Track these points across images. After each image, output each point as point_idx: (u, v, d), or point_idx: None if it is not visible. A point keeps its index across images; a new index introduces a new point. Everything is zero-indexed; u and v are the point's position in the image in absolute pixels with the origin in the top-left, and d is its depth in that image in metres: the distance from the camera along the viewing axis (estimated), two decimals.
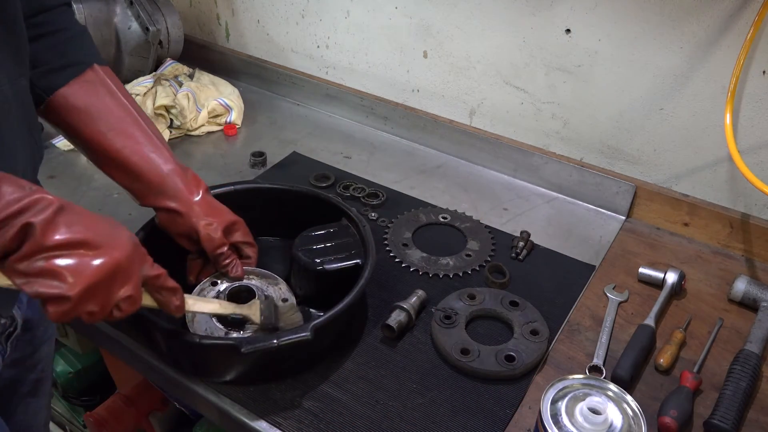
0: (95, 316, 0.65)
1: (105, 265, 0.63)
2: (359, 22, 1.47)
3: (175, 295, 0.76)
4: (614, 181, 1.25)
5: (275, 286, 0.97)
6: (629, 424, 0.72)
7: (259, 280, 0.98)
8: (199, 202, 0.92)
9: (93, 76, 0.88)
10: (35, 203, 0.59)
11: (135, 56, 1.55)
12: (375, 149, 1.47)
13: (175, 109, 1.44)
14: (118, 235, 0.66)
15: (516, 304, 1.01)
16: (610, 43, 1.17)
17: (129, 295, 0.67)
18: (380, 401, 0.88)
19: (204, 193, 0.93)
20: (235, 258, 0.95)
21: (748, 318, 1.03)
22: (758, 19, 1.00)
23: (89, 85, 0.88)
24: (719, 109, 1.11)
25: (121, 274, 0.65)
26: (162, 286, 0.73)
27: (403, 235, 1.19)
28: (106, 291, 0.64)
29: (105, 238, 0.64)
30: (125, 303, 0.67)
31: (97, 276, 0.62)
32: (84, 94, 0.88)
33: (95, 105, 0.88)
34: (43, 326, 1.00)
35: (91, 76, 0.88)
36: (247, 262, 0.97)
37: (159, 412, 1.43)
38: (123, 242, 0.66)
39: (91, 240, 0.63)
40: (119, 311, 0.67)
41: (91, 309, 0.64)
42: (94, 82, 0.88)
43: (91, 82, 0.88)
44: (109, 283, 0.64)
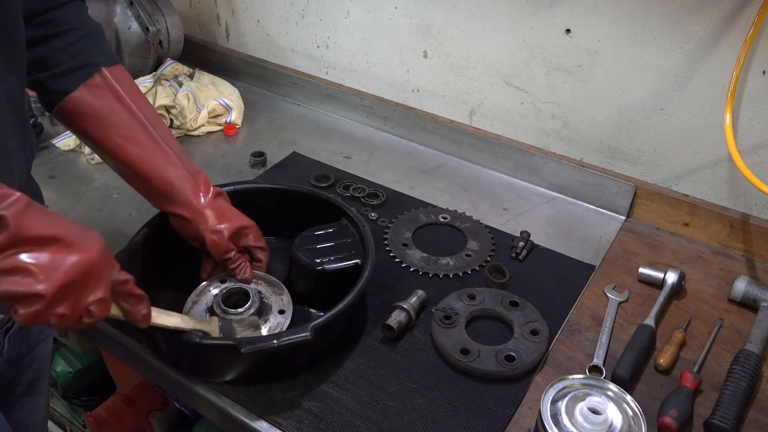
0: (65, 320, 0.62)
1: (79, 264, 0.61)
2: (359, 22, 1.47)
3: (141, 303, 0.73)
4: (614, 181, 1.25)
5: (278, 295, 0.97)
6: (629, 424, 0.72)
7: (266, 286, 0.98)
8: (207, 208, 0.92)
9: (100, 80, 0.87)
10: (4, 197, 0.57)
11: (135, 56, 1.55)
12: (375, 149, 1.47)
13: (175, 109, 1.44)
14: (90, 235, 0.64)
15: (516, 304, 1.01)
16: (610, 43, 1.17)
17: (101, 297, 0.64)
18: (380, 401, 0.88)
19: (213, 198, 0.93)
20: (244, 261, 0.96)
21: (748, 318, 1.03)
22: (758, 19, 1.00)
23: (97, 90, 0.87)
24: (719, 109, 1.11)
25: (94, 275, 0.63)
26: (129, 292, 0.70)
27: (403, 235, 1.19)
28: (79, 292, 0.62)
29: (77, 237, 0.62)
30: (96, 307, 0.64)
31: (71, 275, 0.60)
32: (92, 99, 0.87)
33: (103, 111, 0.88)
34: (39, 326, 1.00)
35: (99, 80, 0.87)
36: (258, 266, 0.98)
37: (159, 412, 1.43)
38: (95, 243, 0.63)
39: (64, 237, 0.60)
40: (89, 316, 0.64)
41: (63, 311, 0.61)
42: (101, 87, 0.87)
43: (99, 86, 0.87)
44: (82, 283, 0.62)
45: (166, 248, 0.99)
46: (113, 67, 0.89)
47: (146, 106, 0.92)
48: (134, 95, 0.90)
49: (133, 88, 0.91)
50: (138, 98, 0.91)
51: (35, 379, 1.03)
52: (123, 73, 0.91)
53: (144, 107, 0.91)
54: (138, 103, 0.90)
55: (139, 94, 0.92)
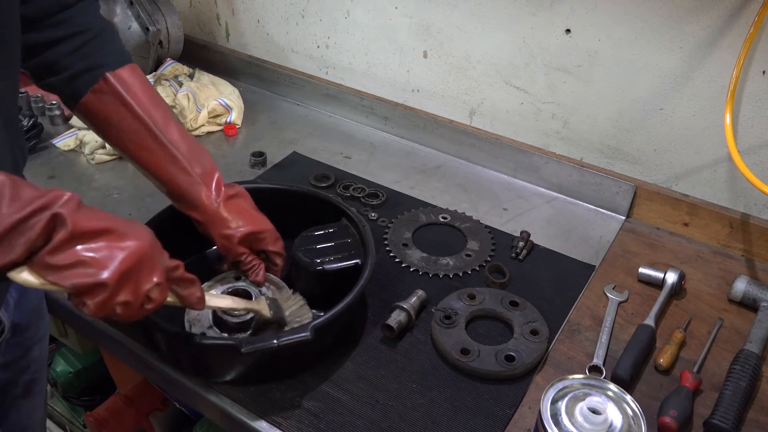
0: (130, 307, 0.65)
1: (135, 251, 0.64)
2: (359, 22, 1.47)
3: (194, 285, 0.75)
4: (614, 181, 1.25)
5: (285, 302, 0.97)
6: (629, 424, 0.72)
7: (276, 291, 0.98)
8: (220, 211, 0.92)
9: (105, 85, 0.86)
10: (57, 198, 0.60)
11: (135, 56, 1.55)
12: (375, 149, 1.47)
13: (175, 109, 1.44)
14: (138, 225, 0.67)
15: (516, 304, 1.01)
16: (610, 43, 1.17)
17: (158, 282, 0.67)
18: (380, 401, 0.88)
19: (225, 200, 0.92)
20: (258, 264, 0.95)
21: (748, 318, 1.03)
22: (758, 19, 1.00)
23: (103, 96, 0.87)
24: (719, 109, 1.11)
25: (148, 262, 0.65)
26: (181, 277, 0.73)
27: (403, 235, 1.19)
28: (138, 278, 0.65)
29: (127, 228, 0.65)
30: (155, 291, 0.67)
31: (129, 261, 0.63)
32: (100, 104, 0.87)
33: (112, 117, 0.88)
34: (33, 328, 1.00)
35: (103, 85, 0.86)
36: (273, 270, 0.97)
37: (159, 412, 1.43)
38: (144, 232, 0.66)
39: (116, 228, 0.63)
40: (150, 302, 0.67)
41: (126, 298, 0.64)
42: (106, 93, 0.87)
43: (104, 92, 0.87)
44: (139, 269, 0.64)
45: (173, 243, 0.98)
46: (120, 69, 0.88)
47: (154, 109, 0.90)
48: (140, 98, 0.89)
49: (140, 90, 0.89)
50: (145, 101, 0.89)
51: (32, 381, 1.02)
52: (131, 73, 0.89)
53: (151, 110, 0.90)
54: (144, 106, 0.89)
55: (147, 96, 0.90)
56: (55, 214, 0.59)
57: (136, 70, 0.90)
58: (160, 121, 0.90)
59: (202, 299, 0.77)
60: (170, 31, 1.61)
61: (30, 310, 0.98)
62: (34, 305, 1.00)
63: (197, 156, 0.92)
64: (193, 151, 0.92)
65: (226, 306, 0.85)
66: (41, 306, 1.03)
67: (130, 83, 0.89)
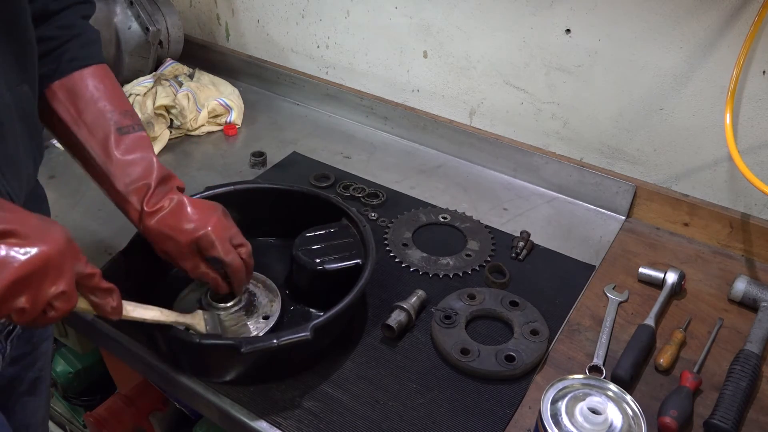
0: (26, 314, 0.61)
1: (35, 258, 0.59)
2: (359, 22, 1.47)
3: (110, 295, 0.71)
4: (614, 181, 1.25)
5: (270, 301, 0.97)
6: (629, 424, 0.72)
7: (262, 289, 0.98)
8: (151, 230, 0.86)
9: (48, 95, 0.85)
10: None
11: (135, 56, 1.55)
12: (375, 149, 1.47)
13: (175, 109, 1.44)
14: (50, 228, 0.62)
15: (516, 304, 1.01)
16: (610, 43, 1.17)
17: (62, 291, 0.62)
18: (380, 401, 0.88)
19: (148, 218, 0.86)
20: (213, 280, 0.90)
21: (748, 318, 1.03)
22: (758, 19, 1.00)
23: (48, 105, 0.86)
24: (719, 109, 1.11)
25: (52, 269, 0.61)
26: (96, 286, 0.68)
27: (403, 235, 1.19)
28: (37, 286, 0.61)
29: (35, 230, 0.61)
30: (59, 300, 0.63)
31: (25, 268, 0.59)
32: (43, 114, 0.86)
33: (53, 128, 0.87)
34: (39, 324, 1.00)
35: (47, 95, 0.85)
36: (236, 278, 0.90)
37: (159, 412, 1.43)
38: (54, 235, 0.62)
39: (19, 231, 0.59)
40: (53, 310, 0.63)
41: (21, 305, 0.60)
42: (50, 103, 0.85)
43: (48, 102, 0.85)
44: (40, 277, 0.60)
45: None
46: (64, 79, 0.84)
47: (86, 121, 0.85)
48: (77, 111, 0.85)
49: (89, 96, 0.85)
50: (80, 112, 0.85)
51: (38, 379, 1.03)
52: (86, 78, 0.85)
53: (83, 123, 0.85)
54: (78, 120, 0.85)
55: (82, 106, 0.85)
56: None
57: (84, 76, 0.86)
58: (88, 136, 0.86)
59: (117, 309, 0.72)
60: (170, 31, 1.61)
61: None
62: None
63: (132, 167, 0.86)
64: (128, 164, 0.86)
65: (152, 318, 0.79)
66: None
67: (71, 93, 0.85)
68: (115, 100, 0.88)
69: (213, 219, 0.87)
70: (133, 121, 0.88)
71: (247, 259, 0.90)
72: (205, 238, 0.85)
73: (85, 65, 0.86)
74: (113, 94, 0.88)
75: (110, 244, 1.14)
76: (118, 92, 0.89)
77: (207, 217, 0.87)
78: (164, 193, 0.87)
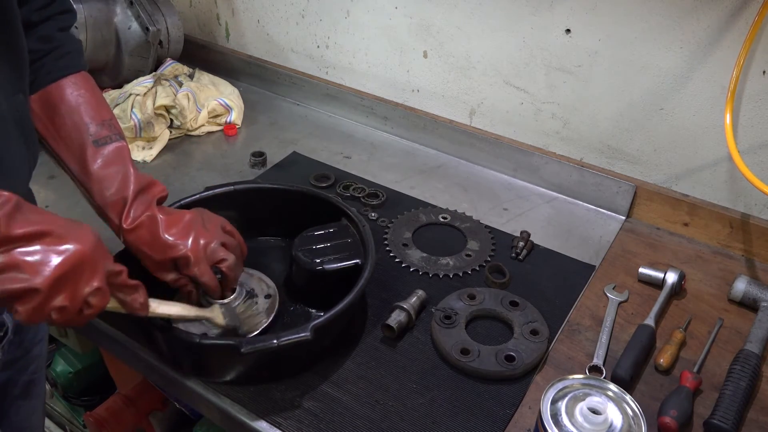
0: (66, 312, 0.62)
1: (72, 256, 0.61)
2: (359, 22, 1.47)
3: (137, 292, 0.73)
4: (614, 181, 1.25)
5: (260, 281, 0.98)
6: (629, 424, 0.72)
7: (249, 278, 0.99)
8: (130, 245, 0.85)
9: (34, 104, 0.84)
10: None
11: (135, 56, 1.55)
12: (375, 149, 1.47)
13: (175, 109, 1.44)
14: (81, 228, 0.64)
15: (516, 304, 1.01)
16: (610, 43, 1.17)
17: (98, 287, 0.64)
18: (380, 401, 0.88)
19: (126, 234, 0.84)
20: (186, 292, 0.88)
21: (748, 318, 1.03)
22: (758, 19, 1.00)
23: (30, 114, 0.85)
24: (719, 109, 1.11)
25: (88, 266, 0.63)
26: (124, 283, 0.70)
27: (403, 235, 1.19)
28: (75, 283, 0.62)
29: (68, 230, 0.62)
30: (94, 297, 0.65)
31: (64, 266, 0.60)
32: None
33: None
34: (33, 329, 0.99)
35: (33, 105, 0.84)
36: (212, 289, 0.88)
37: (159, 412, 1.43)
38: (86, 235, 0.64)
39: (54, 231, 0.61)
40: (89, 308, 0.65)
41: (61, 303, 0.62)
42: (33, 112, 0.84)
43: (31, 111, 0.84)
44: (77, 274, 0.62)
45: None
46: (48, 87, 0.84)
47: (62, 135, 0.84)
48: (53, 126, 0.84)
49: (65, 108, 0.84)
50: (56, 127, 0.84)
51: (31, 382, 1.02)
52: (62, 90, 0.84)
53: (60, 138, 0.85)
54: (55, 135, 0.85)
55: (58, 121, 0.84)
56: None
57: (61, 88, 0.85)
58: (64, 150, 0.85)
59: (145, 305, 0.74)
60: (170, 31, 1.61)
61: None
62: None
63: (108, 181, 0.85)
64: (103, 178, 0.85)
65: (175, 313, 0.82)
66: None
67: (47, 106, 0.84)
68: (93, 109, 0.86)
69: (190, 236, 0.84)
70: (111, 131, 0.86)
71: (228, 272, 0.87)
72: (182, 259, 0.84)
73: (61, 76, 0.85)
74: (91, 104, 0.86)
75: (109, 245, 1.13)
76: (96, 101, 0.87)
77: (185, 234, 0.84)
78: (143, 207, 0.85)
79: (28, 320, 0.61)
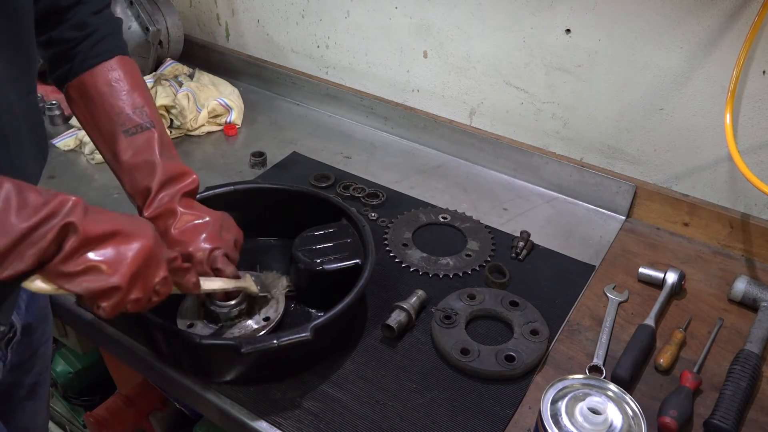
0: (140, 303, 0.67)
1: (142, 251, 0.65)
2: (359, 22, 1.47)
3: (190, 273, 0.77)
4: (614, 181, 1.25)
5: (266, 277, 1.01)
6: (629, 424, 0.72)
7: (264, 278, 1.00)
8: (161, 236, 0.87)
9: (71, 93, 0.88)
10: (63, 204, 0.61)
11: (135, 56, 1.53)
12: (375, 149, 1.47)
13: (175, 109, 1.44)
14: (141, 223, 0.68)
15: (516, 304, 1.01)
16: (610, 43, 1.17)
17: (164, 276, 0.69)
18: (380, 401, 0.88)
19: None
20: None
21: (748, 318, 1.03)
22: (758, 19, 1.00)
23: (71, 104, 0.89)
24: (719, 109, 1.11)
25: (154, 259, 0.67)
26: (179, 267, 0.75)
27: (403, 235, 1.19)
28: (146, 275, 0.67)
29: (133, 227, 0.66)
30: (161, 285, 0.69)
31: (137, 262, 0.65)
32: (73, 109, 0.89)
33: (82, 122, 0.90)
34: (40, 329, 1.00)
35: (70, 93, 0.88)
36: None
37: (159, 412, 1.43)
38: (147, 228, 0.68)
39: (122, 230, 0.65)
40: (157, 295, 0.69)
41: (137, 296, 0.66)
42: (71, 101, 0.88)
43: (70, 100, 0.88)
44: (147, 268, 0.67)
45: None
46: (83, 75, 0.86)
47: (96, 123, 0.87)
48: (90, 114, 0.87)
49: (98, 97, 0.86)
50: (91, 114, 0.87)
51: (36, 384, 1.02)
52: (95, 78, 0.86)
53: (94, 126, 0.87)
54: (91, 123, 0.87)
55: (92, 108, 0.86)
56: (67, 223, 0.60)
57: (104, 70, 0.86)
58: (108, 133, 0.87)
59: (197, 284, 0.79)
60: (170, 31, 1.61)
61: (38, 311, 0.99)
62: (41, 307, 1.00)
63: (136, 171, 0.88)
64: (132, 167, 0.87)
65: (219, 287, 0.86)
66: (47, 308, 1.03)
67: (91, 90, 0.86)
68: (125, 96, 0.87)
69: (199, 238, 0.86)
70: (142, 118, 0.88)
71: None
72: (185, 256, 0.85)
73: (96, 63, 0.87)
74: (124, 90, 0.87)
75: None
76: (130, 86, 0.88)
77: (195, 235, 0.86)
78: (167, 198, 0.87)
79: (110, 315, 0.65)
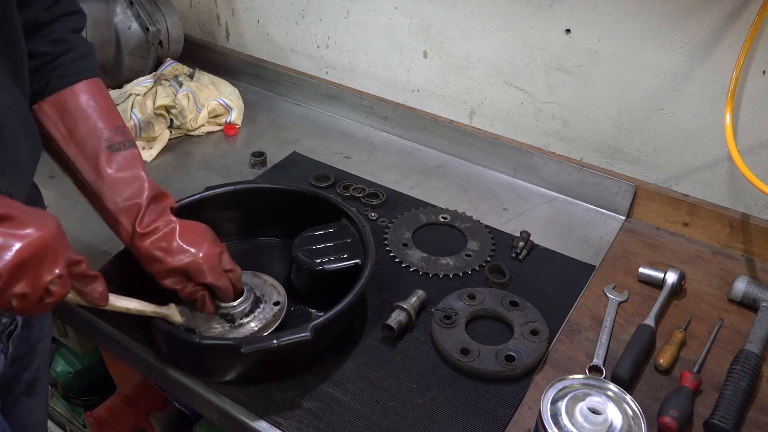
0: (27, 300, 0.61)
1: (34, 242, 0.60)
2: (359, 22, 1.47)
3: (96, 281, 0.72)
4: (614, 181, 1.25)
5: (272, 287, 0.99)
6: (629, 424, 0.72)
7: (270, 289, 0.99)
8: (142, 250, 0.86)
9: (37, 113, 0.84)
10: None
11: (135, 56, 1.55)
12: (375, 149, 1.47)
13: (175, 109, 1.44)
14: (43, 214, 0.63)
15: (516, 304, 1.01)
16: (610, 43, 1.17)
17: (59, 275, 0.63)
18: (380, 401, 0.88)
19: (140, 239, 0.85)
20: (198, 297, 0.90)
21: (748, 318, 1.03)
22: (758, 19, 1.00)
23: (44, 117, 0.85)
24: (719, 109, 1.11)
25: (50, 253, 0.62)
26: (83, 273, 0.69)
27: (403, 235, 1.19)
28: (36, 270, 0.61)
29: (31, 217, 0.61)
30: (56, 285, 0.63)
31: (27, 251, 0.59)
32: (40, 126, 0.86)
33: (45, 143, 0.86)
34: (39, 323, 1.00)
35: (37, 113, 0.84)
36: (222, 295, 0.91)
37: (159, 412, 1.43)
38: (48, 221, 0.63)
39: (16, 216, 0.60)
40: (50, 296, 0.64)
41: (22, 290, 0.60)
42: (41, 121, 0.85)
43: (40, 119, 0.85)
44: (39, 261, 0.61)
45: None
46: (62, 91, 0.84)
47: (75, 138, 0.84)
48: (67, 129, 0.84)
49: (79, 113, 0.84)
50: (69, 130, 0.84)
51: (35, 380, 1.02)
52: (76, 95, 0.84)
53: (72, 141, 0.85)
54: (68, 138, 0.85)
55: (72, 124, 0.84)
56: None
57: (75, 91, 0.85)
58: (78, 155, 0.85)
59: (104, 295, 0.73)
60: (170, 31, 1.61)
61: None
62: None
63: (122, 186, 0.85)
64: (118, 182, 0.85)
65: (133, 308, 0.81)
66: None
67: (60, 111, 0.84)
68: (106, 115, 0.87)
69: (205, 244, 0.87)
70: (125, 137, 0.87)
71: (237, 283, 0.91)
72: (196, 267, 0.86)
73: (76, 81, 0.85)
74: (104, 110, 0.87)
75: (110, 244, 1.14)
76: (109, 107, 0.88)
77: (199, 242, 0.87)
78: (157, 214, 0.87)
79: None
